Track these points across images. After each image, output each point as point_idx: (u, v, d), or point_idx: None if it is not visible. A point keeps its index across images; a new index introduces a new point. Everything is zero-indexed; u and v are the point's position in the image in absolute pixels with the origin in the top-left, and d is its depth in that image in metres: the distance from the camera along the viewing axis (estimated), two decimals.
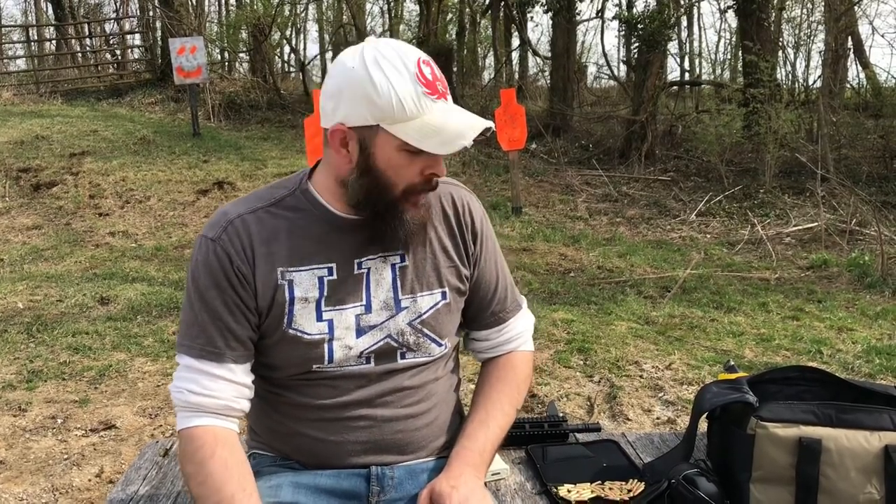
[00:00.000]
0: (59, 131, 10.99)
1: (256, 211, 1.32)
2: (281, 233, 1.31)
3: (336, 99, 1.23)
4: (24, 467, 3.16)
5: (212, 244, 1.30)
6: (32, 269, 6.55)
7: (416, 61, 1.20)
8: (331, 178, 1.32)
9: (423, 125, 1.20)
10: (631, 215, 8.96)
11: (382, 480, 1.36)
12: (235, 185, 9.27)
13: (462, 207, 1.43)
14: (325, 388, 1.33)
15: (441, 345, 1.40)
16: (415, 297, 1.36)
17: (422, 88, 1.19)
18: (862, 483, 1.46)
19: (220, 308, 1.28)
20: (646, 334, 4.80)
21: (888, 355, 4.37)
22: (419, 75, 1.20)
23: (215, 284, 1.29)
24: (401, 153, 1.22)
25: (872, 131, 10.99)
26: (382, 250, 1.33)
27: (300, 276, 1.30)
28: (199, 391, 1.27)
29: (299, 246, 1.31)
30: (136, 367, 4.26)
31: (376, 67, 1.19)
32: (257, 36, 15.78)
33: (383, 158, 1.23)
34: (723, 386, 1.59)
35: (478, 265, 1.44)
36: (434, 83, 1.21)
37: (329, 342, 1.31)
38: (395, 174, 1.25)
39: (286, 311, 1.30)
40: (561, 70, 13.72)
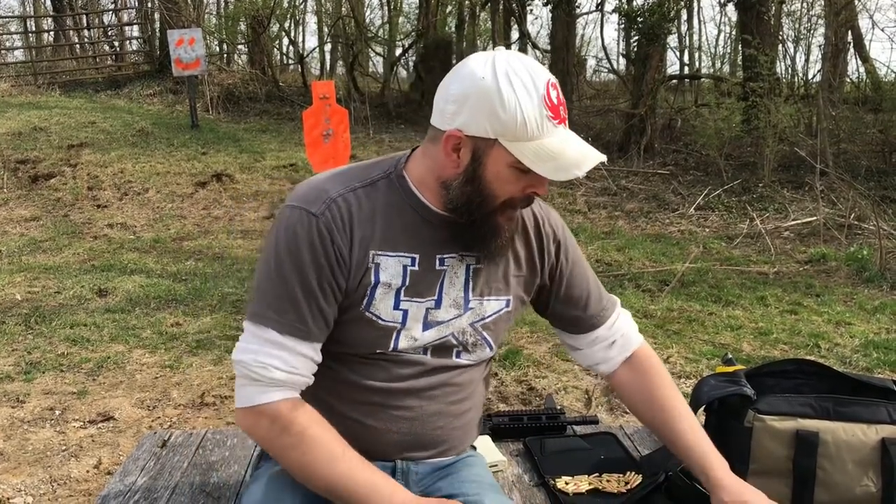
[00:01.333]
0: (57, 123, 10.97)
1: (356, 190, 1.30)
2: (376, 215, 1.30)
3: (459, 104, 1.21)
4: (22, 458, 3.16)
5: (315, 220, 1.26)
6: (30, 261, 6.54)
7: (546, 83, 1.20)
8: (431, 175, 1.30)
9: (540, 148, 1.20)
10: (630, 209, 8.96)
11: (407, 475, 1.37)
12: (234, 177, 9.26)
13: (542, 219, 1.44)
14: (380, 369, 1.34)
15: (493, 349, 1.43)
16: (482, 301, 1.37)
17: (547, 112, 1.19)
18: (859, 476, 1.46)
19: (316, 287, 1.27)
20: (644, 328, 4.80)
21: (886, 349, 4.37)
22: (546, 98, 1.19)
23: (314, 261, 1.26)
24: (511, 170, 1.22)
25: (872, 126, 10.99)
26: (462, 249, 1.34)
27: (387, 261, 1.30)
28: (283, 367, 1.26)
29: (391, 231, 1.30)
30: (134, 359, 4.26)
31: (507, 83, 1.18)
32: (256, 28, 15.74)
33: (493, 171, 1.23)
34: (720, 379, 1.60)
35: (565, 272, 1.47)
36: (558, 108, 1.21)
37: (398, 332, 1.32)
38: (500, 188, 1.25)
39: (368, 293, 1.30)
40: (560, 63, 13.69)
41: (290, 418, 1.25)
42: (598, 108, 14.45)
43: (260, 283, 1.29)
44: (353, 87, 14.44)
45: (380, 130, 12.72)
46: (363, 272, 1.29)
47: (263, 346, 1.26)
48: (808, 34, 14.60)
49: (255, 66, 15.95)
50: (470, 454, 1.48)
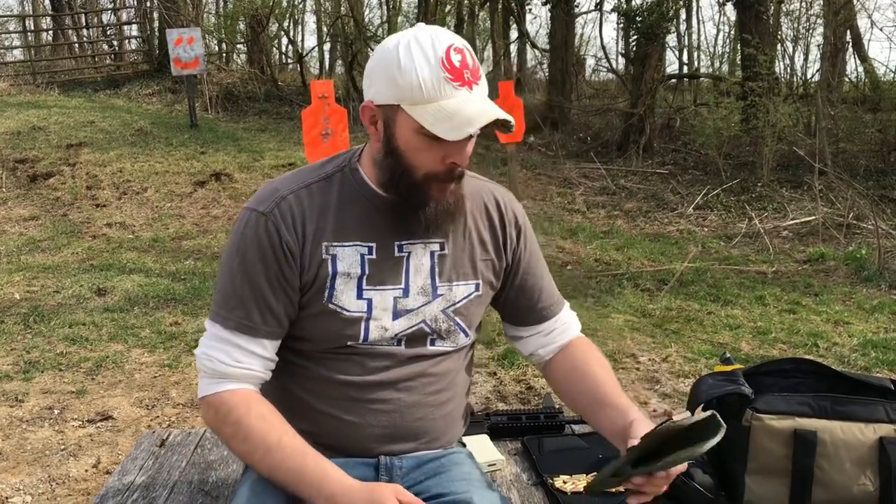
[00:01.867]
0: (56, 122, 10.96)
1: (309, 186, 1.34)
2: (329, 208, 1.33)
3: (370, 77, 1.27)
4: (20, 458, 3.16)
5: (262, 218, 1.30)
6: (29, 260, 6.54)
7: (448, 47, 1.21)
8: (369, 156, 1.34)
9: (438, 109, 1.20)
10: (629, 208, 8.96)
11: (391, 470, 1.37)
12: (233, 176, 9.25)
13: (504, 205, 1.46)
14: (353, 364, 1.34)
15: (468, 335, 1.42)
16: (451, 286, 1.38)
17: (444, 74, 1.20)
18: (856, 474, 1.46)
19: (263, 283, 1.30)
20: (643, 327, 4.81)
21: (884, 349, 4.38)
22: (445, 60, 1.21)
23: (261, 259, 1.29)
24: (418, 136, 1.23)
25: (870, 125, 10.99)
26: (423, 237, 1.35)
27: (343, 252, 1.32)
28: (229, 362, 1.29)
29: (344, 222, 1.33)
30: (132, 359, 4.26)
31: (406, 50, 1.21)
32: (255, 27, 15.73)
33: (403, 139, 1.25)
34: (719, 378, 1.60)
35: (523, 259, 1.47)
36: (461, 71, 1.22)
37: (366, 321, 1.33)
38: (414, 157, 1.26)
39: (328, 286, 1.31)
40: (559, 63, 13.70)
41: (229, 408, 1.27)
42: (597, 107, 14.44)
43: (217, 283, 1.34)
44: (352, 87, 14.43)
45: None
46: (318, 265, 1.31)
47: (212, 340, 1.31)
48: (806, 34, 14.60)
49: (254, 65, 15.94)
50: (457, 450, 1.46)
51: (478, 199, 1.43)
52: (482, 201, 1.43)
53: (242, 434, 1.26)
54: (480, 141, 5.26)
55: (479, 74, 1.24)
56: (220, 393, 1.29)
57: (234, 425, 1.26)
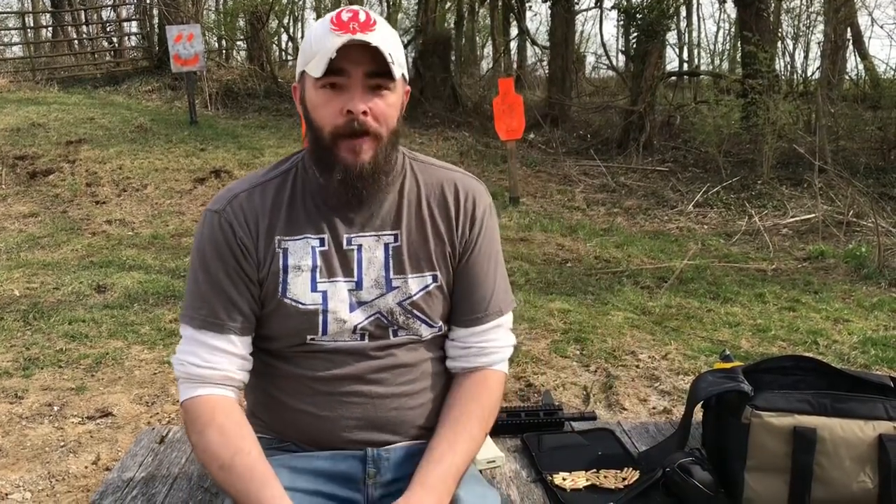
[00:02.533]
0: (55, 119, 10.95)
1: (263, 184, 1.37)
2: (281, 204, 1.35)
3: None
4: (20, 454, 3.16)
5: (216, 216, 1.34)
6: (29, 257, 6.54)
7: (340, 10, 1.27)
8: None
9: (321, 56, 1.23)
10: (628, 206, 8.96)
11: (378, 462, 1.36)
12: (232, 173, 9.24)
13: (465, 195, 1.41)
14: (320, 360, 1.35)
15: (433, 326, 1.39)
16: (405, 279, 1.36)
17: (330, 27, 1.24)
18: (856, 472, 1.46)
19: (223, 279, 1.32)
20: (642, 324, 4.81)
21: (884, 346, 4.38)
22: (334, 18, 1.25)
23: (218, 255, 1.32)
24: (317, 91, 1.27)
25: (870, 123, 10.98)
26: (375, 229, 1.35)
27: (294, 245, 1.34)
28: (199, 363, 1.31)
29: (295, 216, 1.35)
30: (132, 355, 4.26)
31: (314, 23, 1.32)
32: (255, 24, 15.71)
33: (311, 101, 1.29)
34: (718, 375, 1.60)
35: (470, 254, 1.40)
36: (347, 23, 1.24)
37: (323, 313, 1.33)
38: (319, 115, 1.28)
39: (281, 280, 1.33)
40: (559, 60, 13.69)
41: (195, 416, 1.29)
42: (597, 104, 14.44)
43: (186, 286, 1.37)
44: None
45: None
46: (271, 259, 1.33)
47: (183, 343, 1.33)
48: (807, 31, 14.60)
49: (254, 62, 15.92)
50: None
51: (436, 188, 1.40)
52: (442, 192, 1.40)
53: (202, 445, 1.27)
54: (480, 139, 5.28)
55: (370, 26, 1.25)
56: (192, 398, 1.31)
57: (197, 434, 1.28)
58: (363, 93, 1.26)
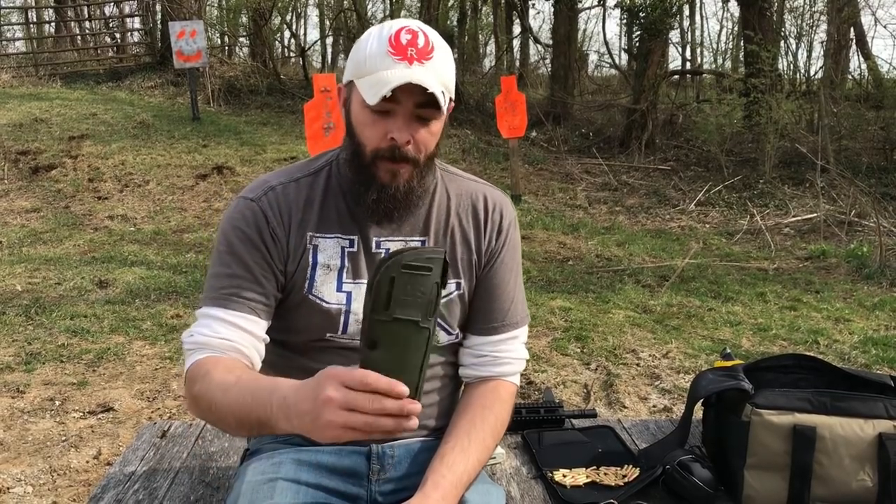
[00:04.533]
0: (58, 114, 10.96)
1: (298, 180, 1.37)
2: (314, 201, 1.36)
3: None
4: (22, 448, 3.17)
5: (250, 203, 1.34)
6: (31, 252, 6.55)
7: (400, 28, 1.25)
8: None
9: (373, 79, 1.23)
10: (630, 204, 8.95)
11: (382, 459, 1.37)
12: (235, 169, 9.25)
13: (493, 206, 1.44)
14: (336, 356, 1.34)
15: (451, 333, 1.41)
16: None
17: (388, 48, 1.24)
18: (855, 470, 1.47)
19: (251, 262, 1.31)
20: (643, 323, 4.81)
21: (884, 346, 4.38)
22: (393, 38, 1.24)
23: (249, 239, 1.32)
24: (364, 110, 1.27)
25: (873, 122, 10.98)
26: (404, 235, 1.36)
27: (325, 243, 1.34)
28: (209, 333, 1.28)
29: (327, 215, 1.35)
30: (134, 351, 4.27)
31: (367, 33, 1.28)
32: (257, 20, 15.72)
33: (355, 114, 1.30)
34: (719, 373, 1.60)
35: (494, 263, 1.42)
36: (405, 48, 1.24)
37: (346, 313, 1.34)
38: (362, 133, 1.28)
39: (308, 276, 1.33)
40: (562, 58, 13.68)
41: (197, 369, 1.25)
42: (599, 103, 14.43)
43: (209, 272, 1.35)
44: None
45: None
46: (301, 254, 1.33)
47: (198, 321, 1.31)
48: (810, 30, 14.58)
49: (257, 58, 15.93)
50: None
51: (466, 199, 1.43)
52: (471, 202, 1.43)
53: (205, 385, 1.20)
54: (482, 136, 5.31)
55: (427, 54, 1.25)
56: (194, 362, 1.26)
57: (200, 381, 1.22)
58: (409, 121, 1.26)
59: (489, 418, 1.36)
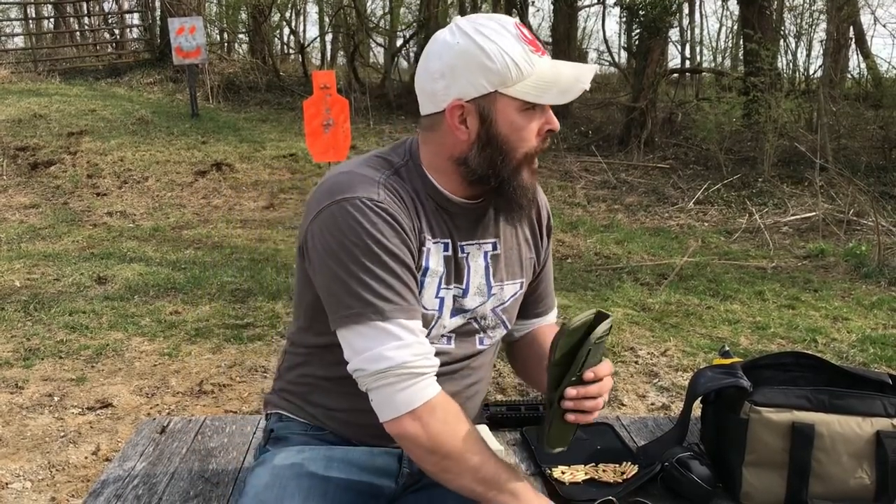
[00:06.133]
0: (57, 110, 10.95)
1: (391, 176, 1.27)
2: (416, 201, 1.28)
3: (448, 77, 1.21)
4: (20, 444, 3.17)
5: (378, 205, 1.21)
6: (30, 248, 6.55)
7: (514, 24, 1.22)
8: (440, 159, 1.28)
9: (538, 81, 1.21)
10: (629, 202, 8.96)
11: (413, 462, 1.35)
12: (234, 166, 9.25)
13: (542, 206, 1.46)
14: None
15: (507, 330, 1.44)
16: (502, 286, 1.38)
17: (528, 46, 1.21)
18: (853, 468, 1.47)
19: (400, 266, 1.21)
20: (642, 321, 4.81)
21: (883, 345, 4.39)
22: (521, 35, 1.21)
23: (403, 242, 1.22)
24: (521, 114, 1.23)
25: (872, 122, 10.98)
26: (477, 237, 1.34)
27: (434, 248, 1.29)
28: (421, 351, 1.20)
29: (429, 217, 1.29)
30: (133, 347, 4.27)
31: (482, 36, 1.20)
32: (257, 17, 15.72)
33: (505, 123, 1.23)
34: (717, 371, 1.60)
35: (546, 258, 1.50)
36: (535, 41, 1.24)
37: (436, 319, 1.30)
38: (518, 137, 1.24)
39: (419, 280, 1.27)
40: (562, 56, 13.67)
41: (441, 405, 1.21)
42: (598, 101, 14.43)
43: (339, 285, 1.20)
44: (353, 78, 14.42)
45: (380, 121, 12.72)
46: (419, 256, 1.26)
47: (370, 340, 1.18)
48: (809, 29, 14.55)
49: (256, 55, 15.93)
50: None
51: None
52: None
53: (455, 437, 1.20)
54: None
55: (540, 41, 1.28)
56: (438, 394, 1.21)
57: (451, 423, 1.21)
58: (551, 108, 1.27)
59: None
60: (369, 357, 1.18)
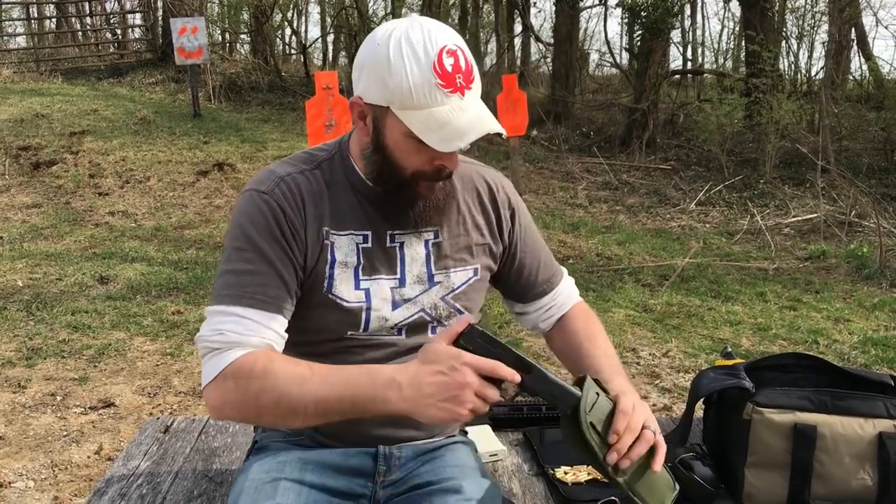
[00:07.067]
0: (59, 110, 10.95)
1: (304, 172, 1.31)
2: (324, 195, 1.31)
3: (359, 71, 1.24)
4: (23, 443, 3.18)
5: (264, 196, 1.27)
6: (32, 248, 6.55)
7: (441, 50, 1.17)
8: (357, 148, 1.31)
9: (428, 117, 1.18)
10: (631, 203, 8.96)
11: (389, 460, 1.37)
12: (235, 166, 9.25)
13: (496, 186, 1.45)
14: (352, 355, 1.32)
15: None
16: (447, 273, 1.37)
17: (436, 80, 1.16)
18: (855, 469, 1.47)
19: (274, 259, 1.25)
20: (643, 322, 4.82)
21: (884, 346, 4.39)
22: (437, 65, 1.16)
23: (270, 234, 1.25)
24: (407, 139, 1.21)
25: (874, 123, 10.98)
26: (415, 225, 1.33)
27: (340, 240, 1.30)
28: (240, 330, 1.22)
29: (339, 210, 1.31)
30: (135, 347, 4.27)
31: (397, 50, 1.17)
32: (259, 17, 15.71)
33: (392, 140, 1.23)
34: (720, 372, 1.60)
35: (520, 240, 1.47)
36: (453, 76, 1.18)
37: (367, 311, 1.31)
38: (403, 158, 1.24)
39: (327, 275, 1.29)
40: (563, 57, 13.68)
41: (250, 365, 1.20)
42: (600, 102, 14.43)
43: (221, 269, 1.28)
44: None
45: None
46: (320, 250, 1.29)
47: (216, 317, 1.24)
48: (811, 31, 14.57)
49: (258, 55, 15.93)
50: (458, 439, 1.46)
51: (469, 184, 1.41)
52: (474, 185, 1.42)
53: (271, 381, 1.18)
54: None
55: (472, 77, 1.21)
56: (237, 359, 1.20)
57: (260, 375, 1.18)
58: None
59: (594, 328, 1.51)
60: (203, 327, 1.25)
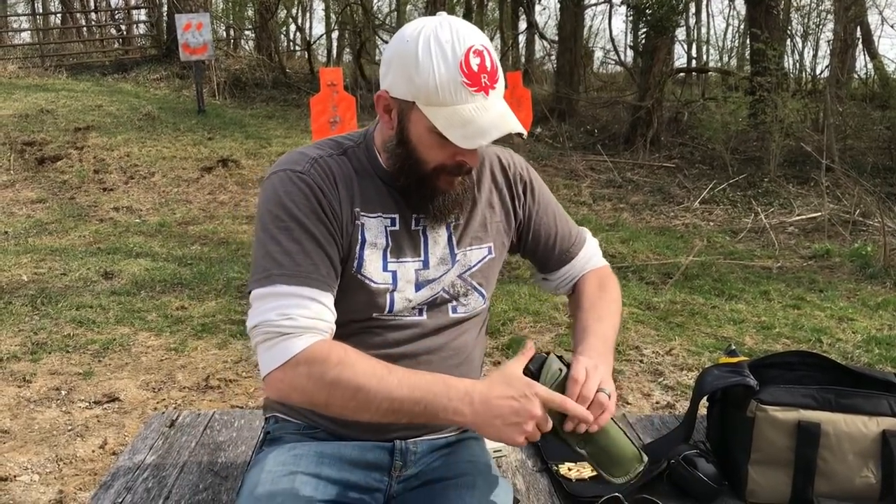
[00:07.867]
0: (63, 105, 10.98)
1: (332, 156, 1.34)
2: (353, 179, 1.33)
3: (387, 65, 1.26)
4: (28, 437, 3.19)
5: (302, 176, 1.28)
6: (36, 243, 6.57)
7: (468, 50, 1.20)
8: (380, 141, 1.34)
9: (452, 114, 1.20)
10: (635, 201, 8.96)
11: (405, 454, 1.37)
12: (240, 162, 9.27)
13: (508, 163, 1.47)
14: (373, 335, 1.34)
15: (484, 298, 1.44)
16: (465, 251, 1.39)
17: (462, 79, 1.19)
18: (859, 467, 1.48)
19: (320, 236, 1.26)
20: (647, 320, 4.82)
21: (888, 345, 4.38)
22: (464, 65, 1.19)
23: (314, 213, 1.26)
24: (431, 134, 1.23)
25: (879, 122, 10.96)
26: (434, 219, 1.35)
27: (370, 222, 1.32)
28: (309, 315, 1.22)
29: (368, 192, 1.33)
30: (139, 342, 4.29)
31: (426, 48, 1.19)
32: (263, 13, 15.73)
33: (416, 135, 1.26)
34: (724, 369, 1.61)
35: (534, 212, 1.49)
36: (478, 76, 1.20)
37: (392, 293, 1.33)
38: (426, 153, 1.27)
39: (356, 255, 1.31)
40: (567, 54, 13.67)
41: (325, 354, 1.20)
42: (604, 99, 14.41)
43: (258, 251, 1.27)
44: (360, 75, 14.42)
45: None
46: (352, 230, 1.31)
47: (279, 300, 1.22)
48: (816, 29, 14.53)
49: (262, 52, 15.94)
50: (470, 434, 1.47)
51: (486, 166, 1.45)
52: (489, 166, 1.45)
53: (348, 373, 1.18)
54: None
55: (496, 77, 1.23)
56: (310, 347, 1.20)
57: (338, 366, 1.19)
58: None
59: (605, 295, 1.51)
60: (255, 315, 1.23)
